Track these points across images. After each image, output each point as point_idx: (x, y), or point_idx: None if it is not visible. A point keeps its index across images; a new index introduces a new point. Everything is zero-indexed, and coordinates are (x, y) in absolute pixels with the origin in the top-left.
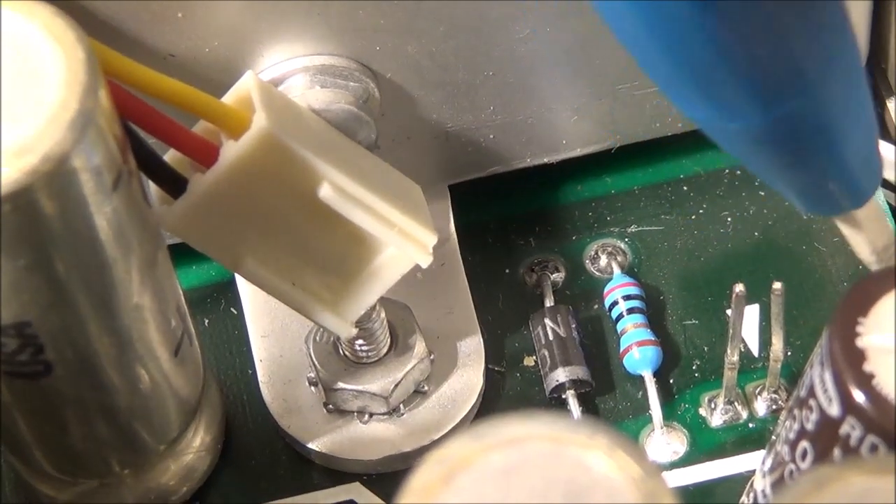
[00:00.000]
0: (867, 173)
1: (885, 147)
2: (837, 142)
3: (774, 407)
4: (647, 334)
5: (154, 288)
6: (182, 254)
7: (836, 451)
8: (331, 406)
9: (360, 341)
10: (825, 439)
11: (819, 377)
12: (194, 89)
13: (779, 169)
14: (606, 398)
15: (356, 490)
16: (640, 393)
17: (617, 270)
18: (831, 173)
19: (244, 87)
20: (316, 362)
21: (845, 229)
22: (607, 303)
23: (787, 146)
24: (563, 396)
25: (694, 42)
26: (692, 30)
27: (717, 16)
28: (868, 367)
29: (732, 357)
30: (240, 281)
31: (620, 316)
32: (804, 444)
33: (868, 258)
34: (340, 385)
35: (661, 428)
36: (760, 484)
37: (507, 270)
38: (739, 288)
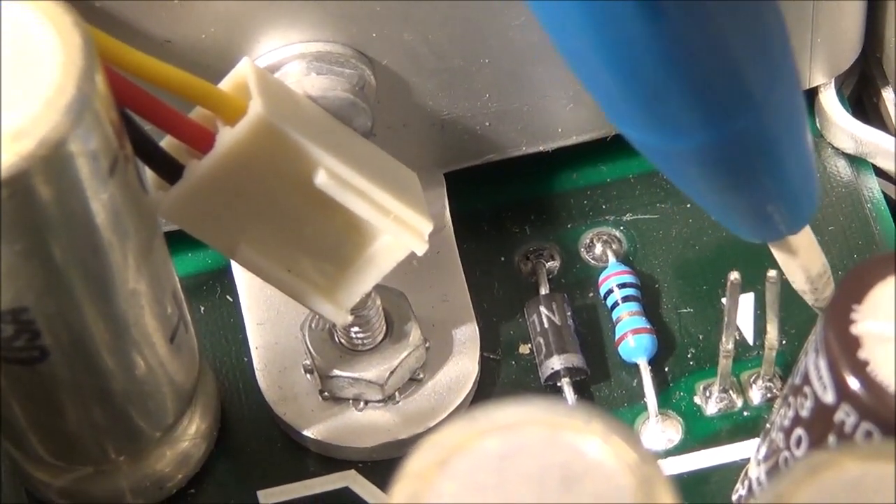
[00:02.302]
0: (806, 198)
1: (884, 138)
2: (779, 164)
3: (769, 395)
4: (642, 322)
5: (150, 274)
6: (178, 241)
7: (831, 438)
8: (326, 393)
9: (356, 328)
10: (820, 426)
11: (814, 364)
12: (191, 75)
13: (720, 192)
14: (601, 386)
15: (351, 477)
16: (635, 381)
17: (612, 259)
18: (772, 196)
19: (240, 74)
20: (311, 350)
21: (781, 257)
22: (602, 291)
23: (730, 167)
24: (559, 384)
25: (643, 59)
26: (641, 47)
27: (666, 34)
28: (862, 354)
29: (727, 345)
30: (236, 268)
31: (615, 304)
32: (799, 431)
33: (803, 286)
34: (336, 372)
35: (656, 416)
36: (755, 471)
37: (502, 258)
38: (734, 276)
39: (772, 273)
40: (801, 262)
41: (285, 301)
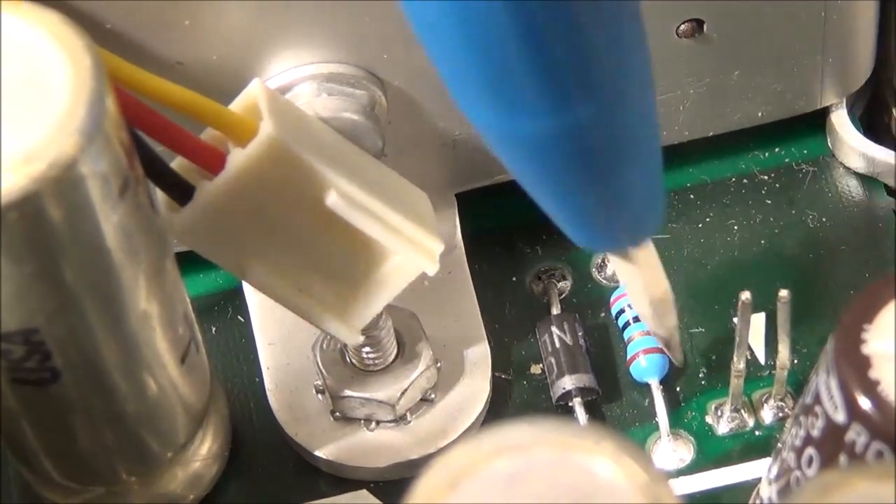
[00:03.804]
0: (650, 210)
1: (891, 156)
2: (623, 166)
3: (781, 414)
4: (653, 342)
5: (161, 295)
6: (189, 261)
7: (842, 458)
8: (338, 414)
9: (367, 349)
10: (831, 446)
11: (825, 384)
12: (201, 97)
13: (561, 188)
14: (613, 406)
15: (363, 497)
16: (647, 401)
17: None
18: (614, 200)
19: (251, 95)
20: (323, 370)
21: (623, 276)
22: (614, 311)
23: (573, 161)
24: (570, 404)
25: (490, 31)
26: (490, 18)
27: (517, 7)
28: (873, 373)
29: (739, 365)
30: (247, 289)
31: (627, 324)
32: (810, 450)
33: (644, 310)
34: (347, 393)
35: (668, 435)
36: (767, 491)
37: (513, 278)
38: (745, 296)
39: (783, 293)
40: (644, 281)
41: (297, 321)
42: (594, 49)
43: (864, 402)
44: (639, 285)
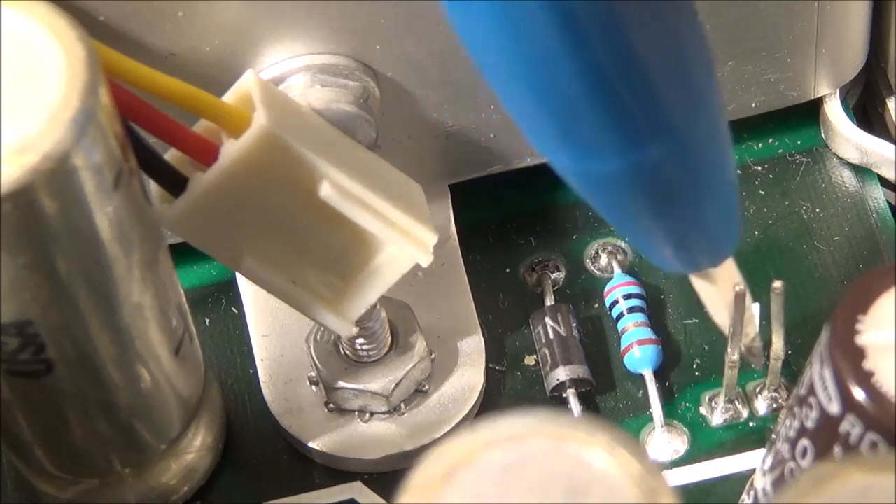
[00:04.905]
0: (727, 233)
1: (888, 148)
2: (699, 197)
3: (775, 405)
4: (647, 333)
5: (155, 287)
6: (183, 253)
7: (837, 449)
8: (332, 405)
9: (361, 340)
10: (825, 437)
11: (819, 375)
12: (195, 88)
13: (639, 220)
14: (607, 397)
15: (357, 489)
16: (641, 392)
17: (617, 269)
18: (692, 228)
19: (245, 86)
20: (317, 361)
21: (703, 291)
22: (608, 302)
23: (648, 196)
24: (564, 395)
25: (558, 75)
26: (557, 62)
27: (580, 49)
28: (867, 364)
29: (733, 356)
30: (241, 280)
31: (621, 315)
32: (804, 442)
33: (726, 324)
34: (341, 384)
35: (662, 427)
36: (761, 482)
37: (507, 270)
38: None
39: (777, 284)
40: (725, 298)
41: (290, 313)
42: (663, 87)
43: (859, 394)
44: (720, 301)
